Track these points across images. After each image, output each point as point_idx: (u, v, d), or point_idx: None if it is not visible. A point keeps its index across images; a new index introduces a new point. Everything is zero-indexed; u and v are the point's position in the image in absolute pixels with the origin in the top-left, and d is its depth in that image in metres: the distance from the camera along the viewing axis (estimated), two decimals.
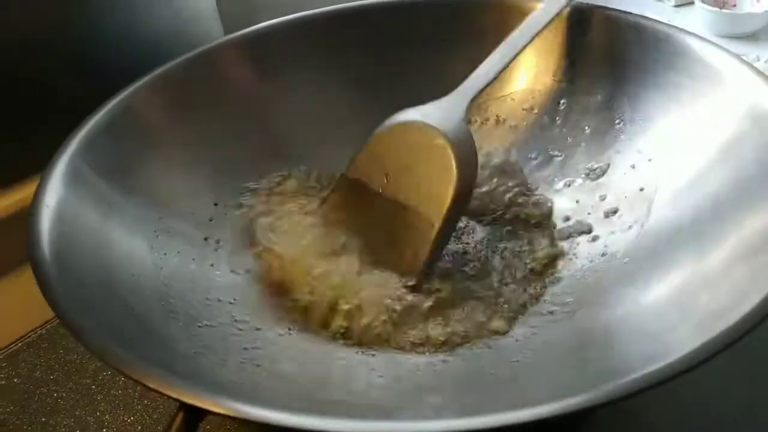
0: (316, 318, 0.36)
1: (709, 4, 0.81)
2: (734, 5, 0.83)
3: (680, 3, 0.89)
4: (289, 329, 0.36)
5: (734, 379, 0.35)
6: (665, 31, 0.41)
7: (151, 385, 0.23)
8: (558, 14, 0.44)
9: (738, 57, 0.37)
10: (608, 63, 0.43)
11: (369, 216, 0.40)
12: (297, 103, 0.47)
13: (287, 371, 0.32)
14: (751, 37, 0.79)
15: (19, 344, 0.42)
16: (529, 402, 0.23)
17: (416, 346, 0.34)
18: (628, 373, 0.24)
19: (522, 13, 0.46)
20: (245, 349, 0.33)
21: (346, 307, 0.36)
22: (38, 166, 0.36)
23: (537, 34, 0.43)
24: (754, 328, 0.25)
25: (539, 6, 0.45)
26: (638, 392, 0.23)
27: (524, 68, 0.46)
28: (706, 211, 0.34)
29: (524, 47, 0.42)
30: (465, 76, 0.42)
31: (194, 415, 0.24)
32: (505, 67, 0.41)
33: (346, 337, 0.35)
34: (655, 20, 0.43)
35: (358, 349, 0.34)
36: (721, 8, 0.81)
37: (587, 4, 0.45)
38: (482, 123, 0.48)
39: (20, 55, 0.45)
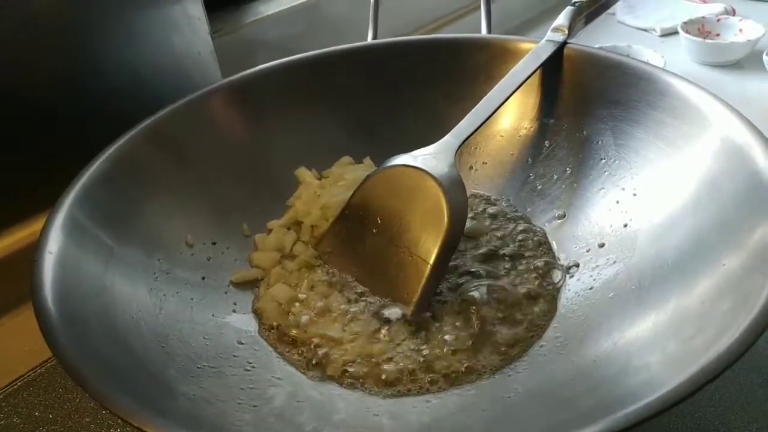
0: (314, 360, 0.37)
1: (693, 35, 0.83)
2: (717, 35, 0.85)
3: (666, 33, 0.91)
4: (287, 370, 0.36)
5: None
6: (648, 70, 0.43)
7: None
8: (544, 63, 0.45)
9: (717, 97, 0.38)
10: (594, 101, 0.45)
11: (364, 256, 0.41)
12: (292, 143, 0.49)
13: (284, 412, 0.33)
14: (735, 65, 0.81)
15: (19, 384, 0.42)
16: None
17: (410, 384, 0.35)
18: (616, 409, 0.24)
19: (512, 54, 0.47)
20: (242, 389, 0.34)
21: (342, 348, 0.37)
22: (41, 206, 0.37)
23: (525, 80, 0.44)
24: (736, 361, 0.25)
25: (527, 47, 0.47)
26: (630, 427, 0.24)
27: (512, 108, 0.48)
28: (689, 248, 0.35)
29: (513, 93, 0.44)
30: (456, 115, 0.44)
31: None
32: (495, 112, 0.43)
33: (344, 377, 0.36)
34: (640, 60, 0.44)
35: (354, 388, 0.35)
36: (704, 38, 0.83)
37: (573, 43, 0.47)
38: (472, 166, 0.49)
39: (21, 99, 0.46)
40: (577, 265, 0.40)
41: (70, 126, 0.48)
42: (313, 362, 0.37)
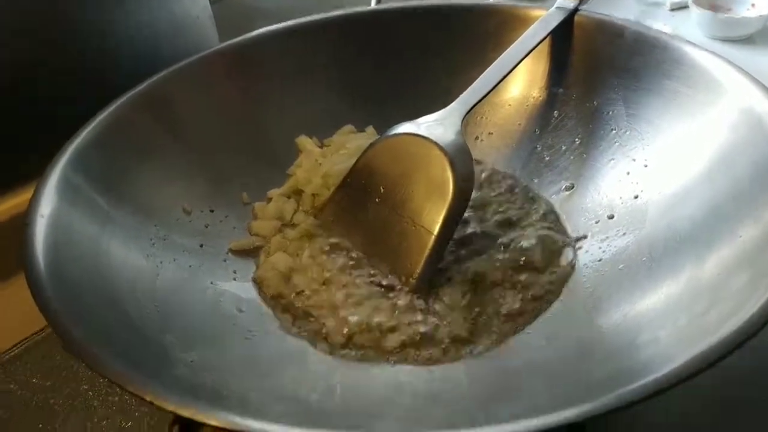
0: (315, 329, 0.36)
1: (705, 8, 0.81)
2: (729, 9, 0.83)
3: (676, 6, 0.89)
4: (288, 339, 0.36)
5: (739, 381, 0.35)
6: (662, 38, 0.41)
7: (147, 398, 0.23)
8: (553, 30, 0.44)
9: (734, 65, 0.37)
10: (605, 70, 0.43)
11: (366, 226, 0.40)
12: (292, 111, 0.48)
13: (285, 379, 0.32)
14: (746, 40, 0.79)
15: (16, 350, 0.42)
16: (530, 411, 0.23)
17: (414, 354, 0.34)
18: (627, 383, 0.24)
19: (521, 21, 0.46)
20: (241, 357, 0.33)
21: (344, 317, 0.36)
22: (35, 172, 0.36)
23: (534, 48, 0.43)
24: (750, 338, 0.25)
25: (537, 14, 0.45)
26: (637, 402, 0.23)
27: (520, 76, 0.46)
28: (702, 219, 0.34)
29: (521, 60, 0.42)
30: (462, 83, 0.43)
31: (190, 427, 0.24)
32: (502, 80, 0.42)
33: (345, 346, 0.35)
34: (652, 28, 0.43)
35: (358, 359, 0.34)
36: (716, 12, 0.81)
37: (584, 11, 0.45)
38: (477, 136, 0.48)
39: (15, 63, 0.45)
40: (586, 237, 0.39)
41: (66, 93, 0.47)
42: (315, 331, 0.36)
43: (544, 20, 0.44)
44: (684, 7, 0.86)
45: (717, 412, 0.34)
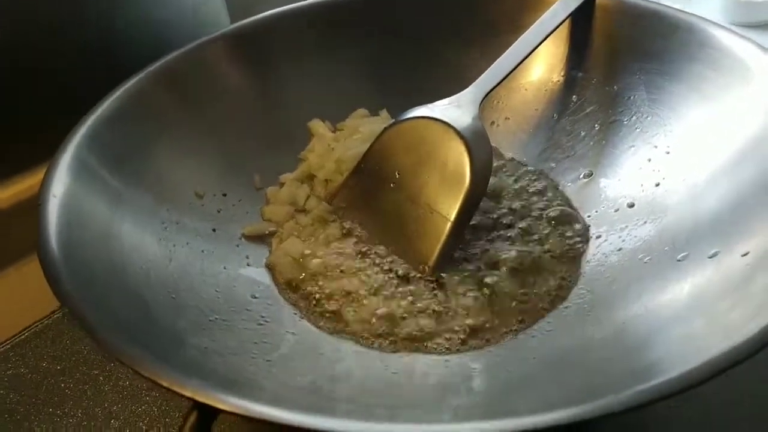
0: (329, 315, 0.36)
1: None
2: None
3: None
4: (302, 325, 0.35)
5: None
6: (687, 20, 0.40)
7: (165, 384, 0.23)
8: (574, 11, 0.43)
9: (763, 48, 0.36)
10: (626, 53, 0.42)
11: (380, 212, 0.39)
12: (305, 93, 0.47)
13: (299, 368, 0.32)
14: None
15: (26, 334, 0.42)
16: (544, 406, 0.22)
17: (429, 342, 0.34)
18: (648, 379, 0.23)
19: (540, 2, 0.45)
20: (255, 343, 0.33)
21: (358, 304, 0.36)
22: (45, 156, 0.35)
23: (553, 30, 0.42)
24: None
25: None
26: (659, 399, 0.22)
27: (539, 59, 0.45)
28: (728, 210, 0.33)
29: (540, 43, 0.41)
30: (479, 66, 0.42)
31: (208, 413, 0.23)
32: (520, 63, 0.41)
33: (359, 334, 0.34)
34: (676, 9, 0.42)
35: (372, 345, 0.34)
36: None
37: None
38: (494, 122, 0.47)
39: (26, 45, 0.44)
40: (605, 226, 0.39)
41: (76, 75, 0.46)
42: (329, 318, 0.35)
43: (564, 1, 0.43)
44: None
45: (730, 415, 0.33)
